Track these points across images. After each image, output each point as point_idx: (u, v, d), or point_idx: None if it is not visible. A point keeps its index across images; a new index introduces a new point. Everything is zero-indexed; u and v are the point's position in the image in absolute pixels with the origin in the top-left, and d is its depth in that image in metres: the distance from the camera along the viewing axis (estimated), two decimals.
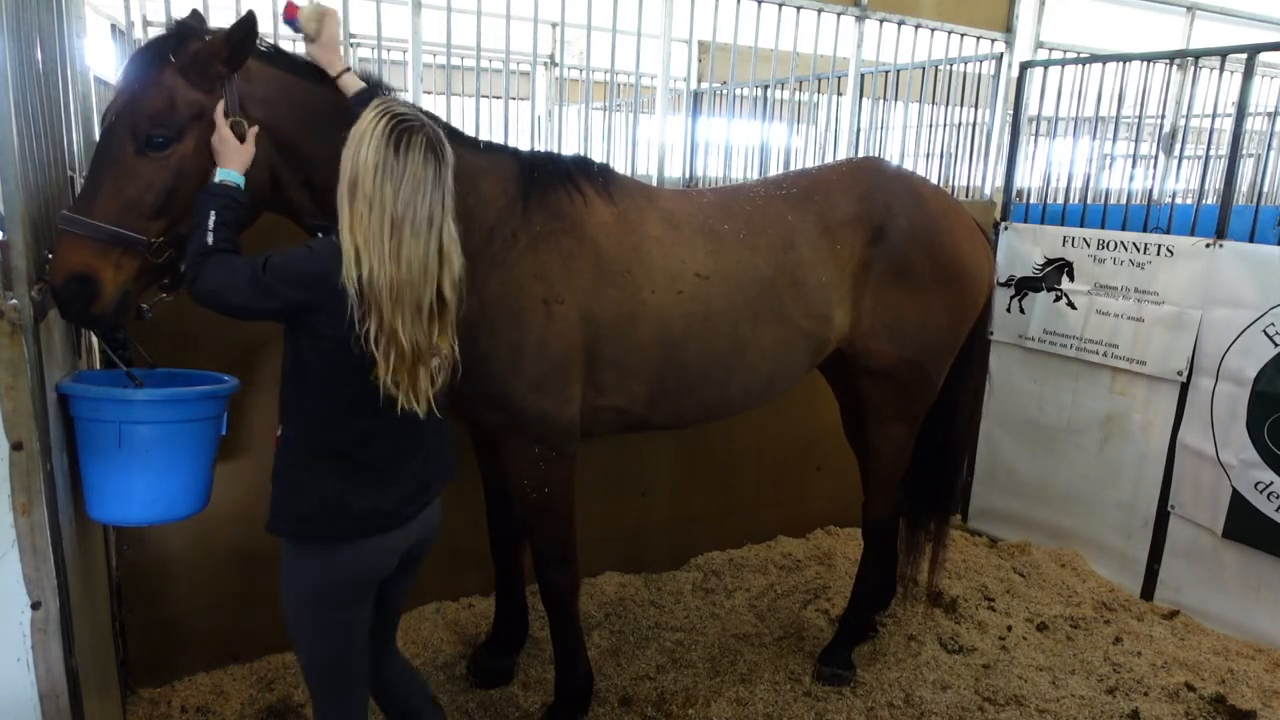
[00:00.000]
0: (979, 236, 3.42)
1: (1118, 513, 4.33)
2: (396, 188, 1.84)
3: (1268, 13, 7.07)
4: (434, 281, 1.92)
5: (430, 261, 1.90)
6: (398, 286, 1.85)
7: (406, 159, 1.85)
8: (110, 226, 2.06)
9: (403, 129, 1.86)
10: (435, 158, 1.89)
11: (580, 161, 2.86)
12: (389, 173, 1.84)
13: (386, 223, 1.84)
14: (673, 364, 2.85)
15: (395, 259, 1.84)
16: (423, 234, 1.87)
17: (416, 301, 1.89)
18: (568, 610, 2.95)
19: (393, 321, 1.86)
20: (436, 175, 1.89)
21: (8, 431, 1.81)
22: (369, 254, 1.84)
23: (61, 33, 2.43)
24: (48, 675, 1.93)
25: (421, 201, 1.86)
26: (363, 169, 1.85)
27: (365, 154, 1.85)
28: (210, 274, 1.95)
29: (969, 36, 4.82)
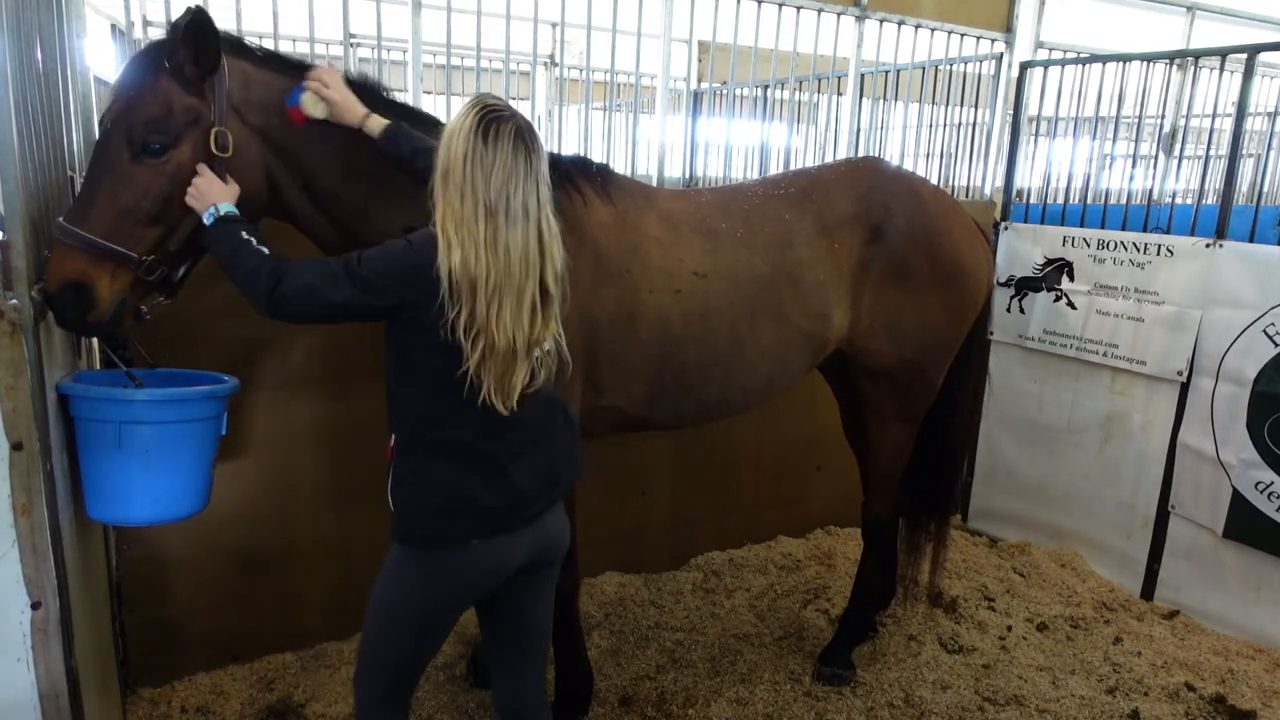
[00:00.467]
0: (978, 236, 3.42)
1: (1118, 513, 4.33)
2: (488, 176, 1.81)
3: (1268, 13, 7.08)
4: (536, 273, 1.88)
5: (530, 252, 1.86)
6: (495, 277, 1.82)
7: (496, 148, 1.82)
8: (102, 241, 2.03)
9: (491, 118, 1.84)
10: (525, 148, 1.86)
11: (579, 161, 2.86)
12: (479, 161, 1.81)
13: (480, 211, 1.81)
14: (672, 364, 2.85)
15: (492, 248, 1.81)
16: (519, 223, 1.84)
17: (517, 293, 1.85)
18: (568, 610, 2.95)
19: (487, 312, 1.82)
20: (528, 165, 1.86)
21: (8, 431, 1.81)
22: (462, 242, 1.81)
23: (61, 33, 2.43)
24: (48, 675, 1.93)
25: (515, 190, 1.83)
26: (454, 159, 1.83)
27: (456, 144, 1.83)
28: (298, 272, 1.90)
29: (969, 36, 4.82)
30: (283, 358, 3.20)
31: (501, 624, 2.18)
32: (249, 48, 2.32)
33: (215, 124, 2.16)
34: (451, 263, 1.81)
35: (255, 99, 2.26)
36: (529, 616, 2.19)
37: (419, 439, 1.96)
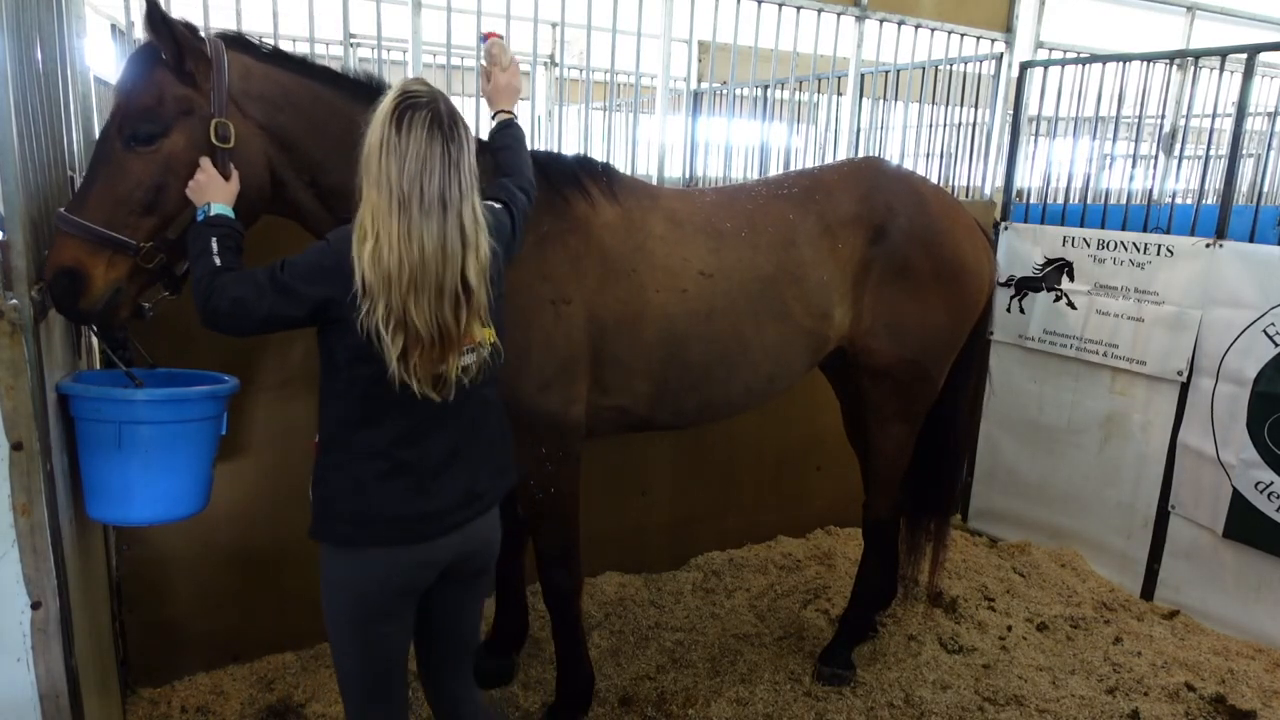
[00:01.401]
0: (979, 236, 3.42)
1: (1118, 513, 4.33)
2: (401, 165, 1.77)
3: (1268, 13, 7.08)
4: (456, 265, 1.84)
5: (450, 244, 1.82)
6: (409, 269, 1.78)
7: (409, 136, 1.78)
8: (97, 227, 2.05)
9: (406, 106, 1.80)
10: (442, 136, 1.82)
11: (584, 161, 2.86)
12: (391, 150, 1.78)
13: (394, 203, 1.78)
14: (676, 363, 2.85)
15: (405, 239, 1.77)
16: (435, 215, 1.79)
17: (436, 286, 1.81)
18: (570, 611, 2.95)
19: (405, 304, 1.79)
20: (445, 154, 1.81)
21: (8, 431, 1.81)
22: (376, 234, 1.79)
23: (61, 32, 2.43)
24: (48, 675, 1.93)
25: (429, 180, 1.79)
26: (370, 148, 1.81)
27: (372, 133, 1.81)
28: (227, 287, 1.91)
29: (969, 36, 4.82)
30: (283, 358, 3.20)
31: (431, 632, 2.18)
32: (252, 42, 2.32)
33: (216, 116, 2.17)
34: (363, 255, 1.79)
35: (255, 92, 2.25)
36: (455, 625, 2.19)
37: (337, 440, 1.95)
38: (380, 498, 1.93)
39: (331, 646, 2.07)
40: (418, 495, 1.96)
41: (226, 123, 2.18)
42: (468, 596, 2.19)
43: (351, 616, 1.98)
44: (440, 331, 1.83)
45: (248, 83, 2.24)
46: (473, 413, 2.03)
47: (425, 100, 1.82)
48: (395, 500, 1.94)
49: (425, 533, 1.98)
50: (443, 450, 1.99)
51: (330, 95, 2.36)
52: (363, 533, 1.94)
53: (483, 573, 2.19)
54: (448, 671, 2.25)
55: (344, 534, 1.94)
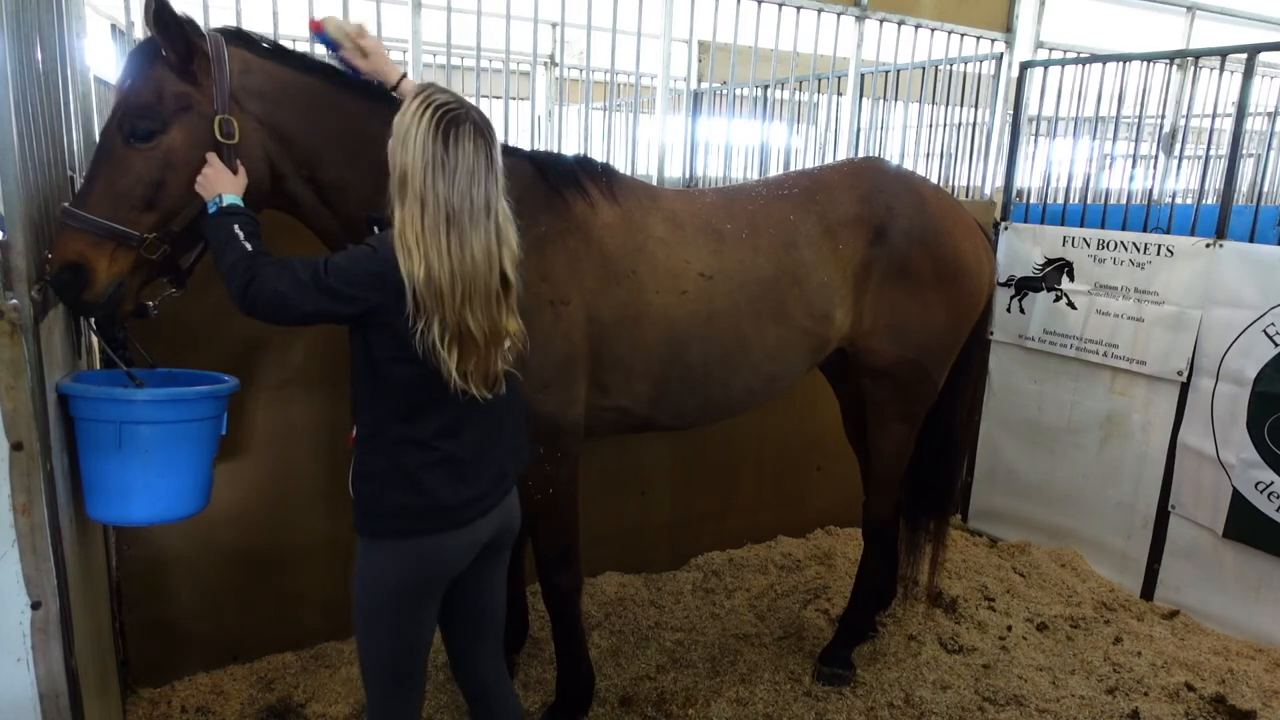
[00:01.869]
0: (979, 236, 3.42)
1: (1118, 513, 4.33)
2: (451, 182, 1.79)
3: (1268, 13, 7.07)
4: (497, 264, 1.88)
5: (492, 246, 1.86)
6: (464, 280, 1.81)
7: (458, 151, 1.79)
8: (101, 220, 2.07)
9: (450, 120, 1.80)
10: (485, 141, 1.84)
11: (584, 161, 2.85)
12: (439, 167, 1.78)
13: (442, 219, 1.79)
14: (676, 364, 2.85)
15: (459, 253, 1.80)
16: (481, 222, 1.83)
17: (485, 291, 1.86)
18: (570, 611, 2.95)
19: (461, 315, 1.82)
20: (489, 160, 1.85)
21: (8, 431, 1.81)
22: (424, 253, 1.79)
23: (61, 32, 2.43)
24: (48, 675, 1.93)
25: (478, 191, 1.82)
26: (412, 167, 1.79)
27: (413, 151, 1.79)
28: (269, 278, 1.89)
29: (969, 36, 4.82)
30: (283, 358, 3.20)
31: (457, 607, 2.20)
32: (251, 37, 2.32)
33: (219, 112, 2.18)
34: (415, 274, 1.80)
35: (254, 87, 2.26)
36: (484, 598, 2.23)
37: (380, 436, 1.97)
38: (429, 488, 1.96)
39: (361, 636, 2.08)
40: (460, 483, 2.00)
41: (231, 119, 2.19)
42: (491, 571, 2.22)
43: (394, 608, 2.01)
44: (491, 332, 1.89)
45: (247, 78, 2.25)
46: (503, 399, 2.06)
47: (463, 111, 1.84)
48: (442, 489, 1.97)
49: (470, 517, 2.02)
50: (477, 438, 2.04)
51: (328, 91, 2.37)
52: (413, 524, 1.97)
53: (507, 546, 2.24)
54: (477, 653, 2.27)
55: (393, 526, 1.97)
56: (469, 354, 1.87)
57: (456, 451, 1.99)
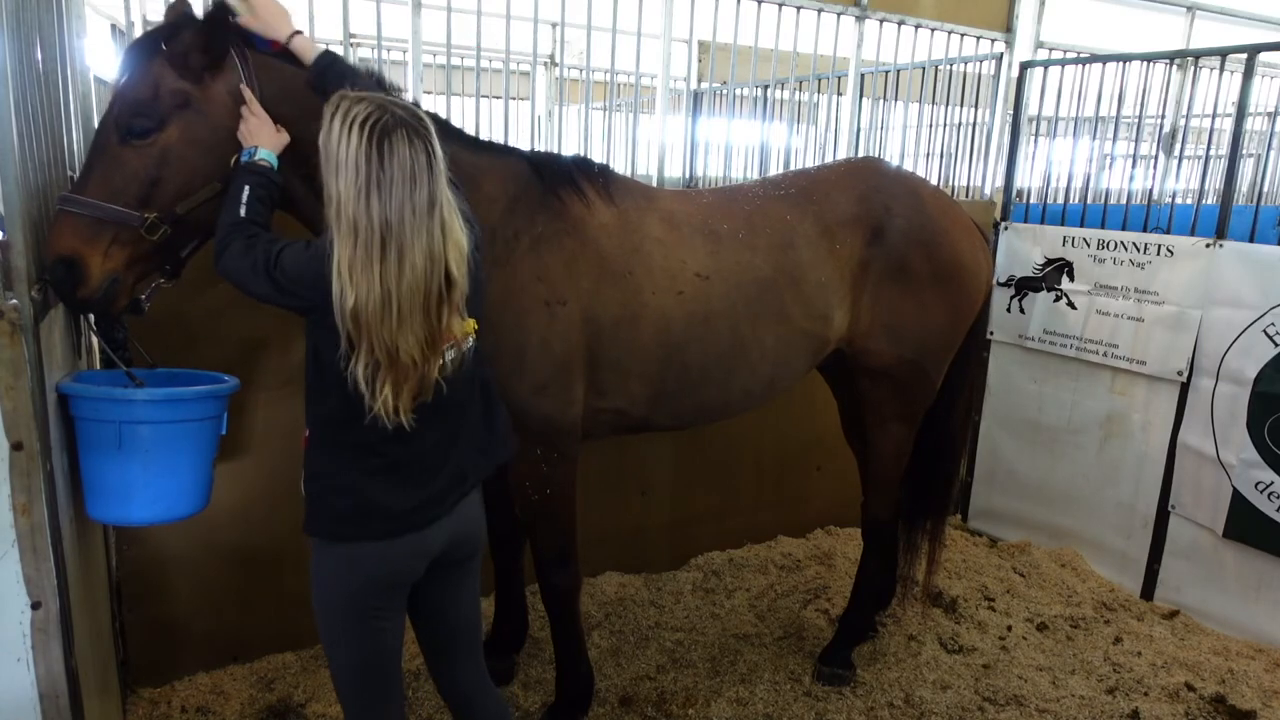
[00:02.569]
0: (977, 236, 3.42)
1: (1118, 513, 4.33)
2: (387, 197, 1.68)
3: (1268, 13, 7.07)
4: (441, 264, 1.77)
5: (435, 247, 1.75)
6: (400, 301, 1.72)
7: (393, 163, 1.69)
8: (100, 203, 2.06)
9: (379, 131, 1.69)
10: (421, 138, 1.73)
11: (580, 162, 2.85)
12: (374, 187, 1.68)
13: (376, 243, 1.69)
14: (673, 365, 2.85)
15: (396, 272, 1.70)
16: (424, 224, 1.73)
17: (425, 300, 1.75)
18: (569, 611, 2.95)
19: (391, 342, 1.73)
20: (429, 155, 1.74)
21: (8, 431, 1.81)
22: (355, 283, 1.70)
23: (61, 32, 2.43)
24: (48, 675, 1.93)
25: (419, 195, 1.71)
26: (344, 195, 1.69)
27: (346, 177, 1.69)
28: (233, 257, 1.91)
29: (969, 36, 4.82)
30: (283, 357, 3.20)
31: (429, 623, 2.17)
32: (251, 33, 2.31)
33: None
34: (343, 305, 1.71)
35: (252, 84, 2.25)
36: (453, 612, 2.17)
37: (329, 437, 1.93)
38: (373, 492, 1.91)
39: (324, 645, 2.05)
40: (411, 486, 1.95)
41: None
42: (462, 583, 2.17)
43: (344, 613, 1.97)
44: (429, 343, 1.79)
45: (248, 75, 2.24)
46: (461, 395, 2.01)
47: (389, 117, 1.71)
48: (388, 494, 1.92)
49: (416, 522, 1.96)
50: (435, 438, 1.98)
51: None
52: (356, 528, 1.92)
53: (474, 556, 2.17)
54: (454, 663, 2.23)
55: (336, 529, 1.93)
56: (401, 381, 1.77)
57: (405, 455, 1.93)
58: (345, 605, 1.96)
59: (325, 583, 1.97)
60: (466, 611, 2.21)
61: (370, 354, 1.75)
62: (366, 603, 1.96)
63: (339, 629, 1.99)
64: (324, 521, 1.94)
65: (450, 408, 1.98)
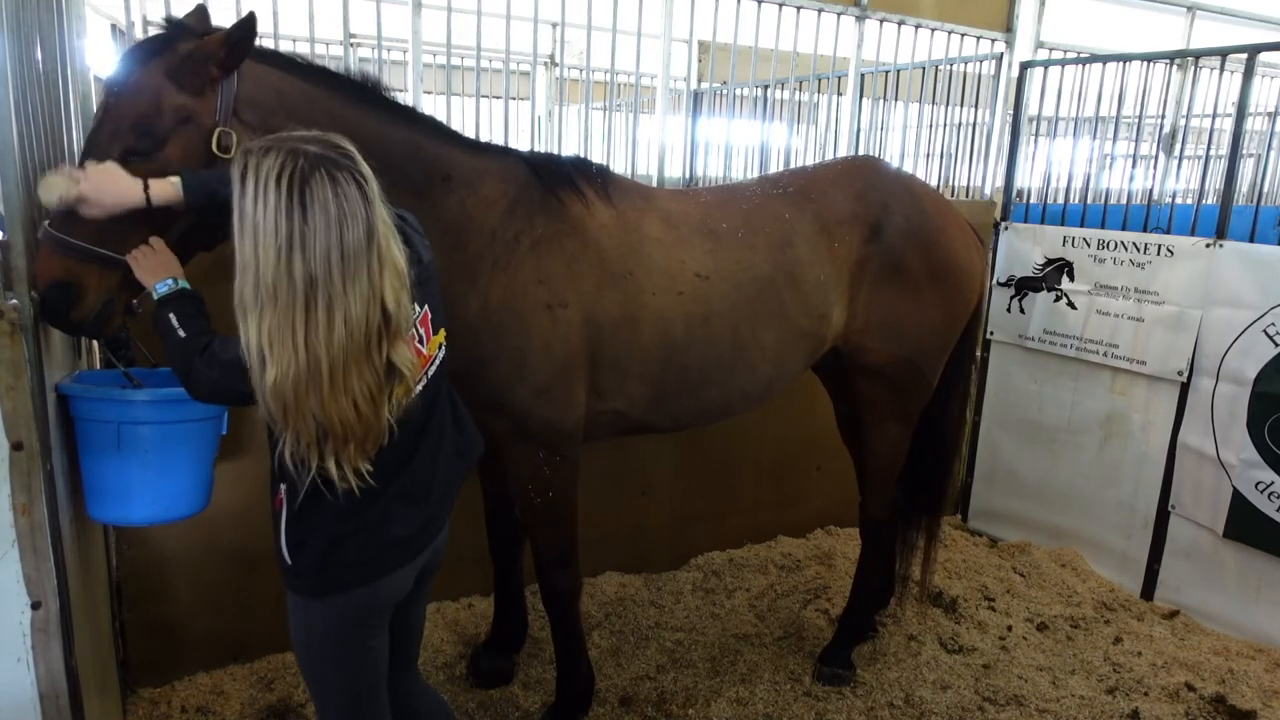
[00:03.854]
0: (972, 235, 3.42)
1: (1118, 513, 4.33)
2: (313, 249, 1.52)
3: (1268, 13, 7.07)
4: (377, 299, 1.61)
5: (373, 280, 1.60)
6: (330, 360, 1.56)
7: (315, 210, 1.53)
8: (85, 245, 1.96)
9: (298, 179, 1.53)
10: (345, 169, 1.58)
11: (579, 162, 2.84)
12: (298, 244, 1.52)
13: (299, 304, 1.53)
14: (673, 366, 2.84)
15: (326, 329, 1.55)
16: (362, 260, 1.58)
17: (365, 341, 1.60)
18: (569, 612, 2.95)
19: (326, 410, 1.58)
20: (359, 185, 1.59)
21: (8, 431, 1.81)
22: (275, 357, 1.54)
23: (62, 32, 2.43)
24: (48, 675, 1.93)
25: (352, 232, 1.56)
26: (262, 263, 1.52)
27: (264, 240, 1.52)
28: (201, 370, 1.78)
29: (969, 36, 4.81)
30: None
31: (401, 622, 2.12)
32: None
33: (219, 124, 2.10)
34: (265, 387, 1.56)
35: (249, 96, 2.18)
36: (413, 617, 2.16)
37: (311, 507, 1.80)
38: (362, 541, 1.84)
39: (314, 679, 1.96)
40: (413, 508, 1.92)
41: (230, 132, 2.11)
42: (424, 589, 2.15)
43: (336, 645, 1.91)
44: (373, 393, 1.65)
45: (244, 86, 2.18)
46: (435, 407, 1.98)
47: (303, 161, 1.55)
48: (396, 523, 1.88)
49: (422, 543, 1.96)
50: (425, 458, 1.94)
51: (325, 97, 2.31)
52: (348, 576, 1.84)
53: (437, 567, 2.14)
54: (399, 667, 2.17)
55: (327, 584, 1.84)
56: (343, 447, 1.65)
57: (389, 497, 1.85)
58: (341, 642, 1.90)
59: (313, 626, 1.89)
60: (416, 620, 2.20)
61: (296, 437, 1.62)
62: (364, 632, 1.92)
63: (332, 665, 1.92)
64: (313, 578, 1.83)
65: (429, 422, 1.94)
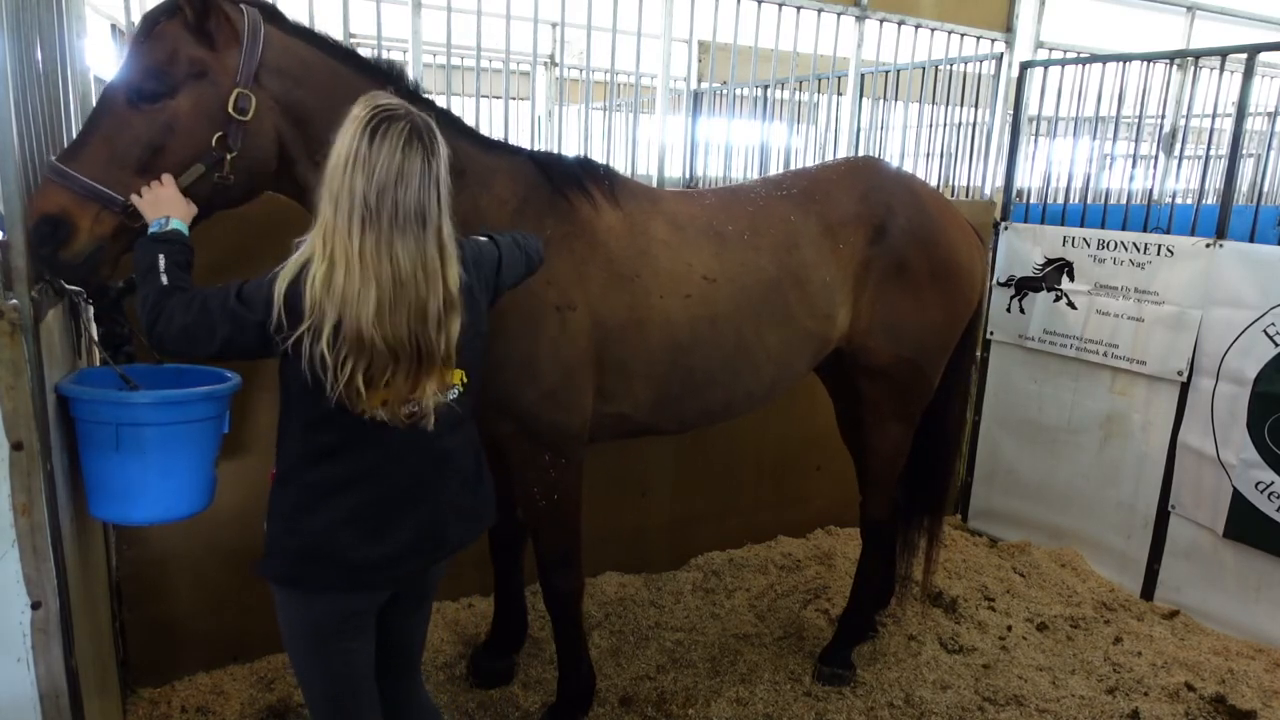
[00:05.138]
0: (973, 236, 3.42)
1: (1118, 513, 4.33)
2: (369, 178, 1.66)
3: (1268, 13, 7.07)
4: (439, 281, 1.74)
5: (430, 260, 1.72)
6: (381, 288, 1.67)
7: (382, 148, 1.67)
8: (89, 181, 1.99)
9: (381, 118, 1.69)
10: (422, 147, 1.71)
11: (585, 163, 2.83)
12: (360, 163, 1.66)
13: (355, 219, 1.66)
14: (679, 369, 2.83)
15: (375, 256, 1.67)
16: (411, 229, 1.69)
17: (419, 304, 1.71)
18: (570, 612, 2.95)
19: (373, 323, 1.67)
20: (425, 167, 1.71)
21: (8, 431, 1.81)
22: (328, 253, 1.68)
23: (62, 32, 2.43)
24: (48, 675, 1.93)
25: (404, 194, 1.68)
26: (334, 166, 1.69)
27: (338, 149, 1.70)
28: (175, 313, 1.81)
29: (969, 36, 4.82)
30: None
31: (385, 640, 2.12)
32: (280, 13, 2.29)
33: (239, 85, 2.12)
34: (315, 278, 1.68)
35: (275, 64, 2.20)
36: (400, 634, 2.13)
37: (292, 476, 1.88)
38: (332, 542, 1.86)
39: (297, 672, 2.03)
40: (371, 540, 1.88)
41: (249, 94, 2.13)
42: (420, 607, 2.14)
43: (313, 645, 1.95)
44: (421, 349, 1.74)
45: (269, 53, 2.19)
46: (441, 451, 1.94)
47: (402, 113, 1.73)
48: (346, 545, 1.86)
49: (372, 581, 1.92)
50: (403, 488, 1.91)
51: (351, 74, 2.32)
52: (308, 576, 1.88)
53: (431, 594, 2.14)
54: (391, 679, 2.17)
55: (289, 574, 1.89)
56: (380, 372, 1.71)
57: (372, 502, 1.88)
58: (313, 639, 1.94)
59: (288, 620, 1.95)
60: (416, 633, 2.19)
61: (335, 333, 1.68)
62: (334, 634, 1.94)
63: (307, 662, 1.97)
64: (279, 565, 1.90)
65: (430, 458, 1.91)
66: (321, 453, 1.86)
